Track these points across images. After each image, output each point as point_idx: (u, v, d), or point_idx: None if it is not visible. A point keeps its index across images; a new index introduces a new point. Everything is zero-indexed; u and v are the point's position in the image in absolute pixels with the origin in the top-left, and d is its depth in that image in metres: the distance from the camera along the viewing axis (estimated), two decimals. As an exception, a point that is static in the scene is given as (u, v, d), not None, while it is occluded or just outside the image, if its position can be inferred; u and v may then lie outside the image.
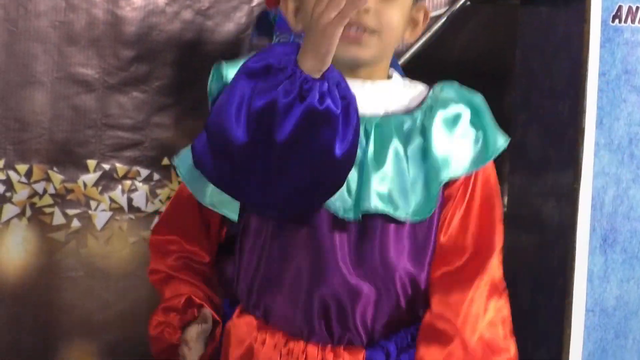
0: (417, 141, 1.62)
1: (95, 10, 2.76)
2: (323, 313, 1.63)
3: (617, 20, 2.42)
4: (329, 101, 1.41)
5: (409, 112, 1.64)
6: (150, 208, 2.75)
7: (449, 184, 1.64)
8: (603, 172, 2.42)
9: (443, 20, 2.71)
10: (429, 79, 1.93)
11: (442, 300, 1.69)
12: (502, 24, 2.85)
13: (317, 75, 1.41)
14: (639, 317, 2.48)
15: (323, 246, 1.61)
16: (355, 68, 1.60)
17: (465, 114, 1.65)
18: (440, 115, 1.64)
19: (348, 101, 1.43)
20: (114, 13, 2.77)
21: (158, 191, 2.58)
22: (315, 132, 1.41)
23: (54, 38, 2.75)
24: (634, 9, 2.42)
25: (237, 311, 1.68)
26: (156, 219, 2.58)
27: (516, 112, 2.58)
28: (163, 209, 2.48)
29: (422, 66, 2.53)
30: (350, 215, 1.59)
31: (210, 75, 1.61)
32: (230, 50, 2.82)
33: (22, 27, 2.72)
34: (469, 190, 1.69)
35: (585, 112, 2.41)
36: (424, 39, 2.78)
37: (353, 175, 1.60)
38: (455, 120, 1.66)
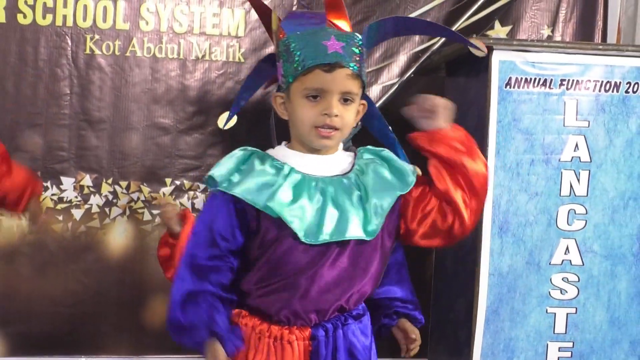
0: (355, 192, 1.79)
1: (171, 81, 3.16)
2: (287, 310, 1.80)
3: (508, 87, 2.75)
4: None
5: (346, 173, 1.80)
6: (207, 210, 3.03)
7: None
8: (500, 185, 2.76)
9: (396, 87, 3.02)
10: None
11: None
12: (434, 88, 2.90)
13: None
14: (523, 278, 2.81)
15: (298, 266, 1.77)
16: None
17: (382, 164, 1.82)
18: (369, 172, 1.80)
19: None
20: (183, 83, 3.17)
21: (211, 199, 2.70)
22: None
23: (144, 99, 3.14)
24: (520, 79, 2.74)
25: (235, 310, 1.85)
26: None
27: (444, 147, 2.69)
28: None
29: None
30: (313, 241, 1.74)
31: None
32: (257, 105, 2.97)
33: (123, 92, 3.12)
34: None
35: (488, 145, 2.73)
36: (384, 98, 3.07)
37: (317, 214, 1.75)
38: (378, 169, 1.81)
